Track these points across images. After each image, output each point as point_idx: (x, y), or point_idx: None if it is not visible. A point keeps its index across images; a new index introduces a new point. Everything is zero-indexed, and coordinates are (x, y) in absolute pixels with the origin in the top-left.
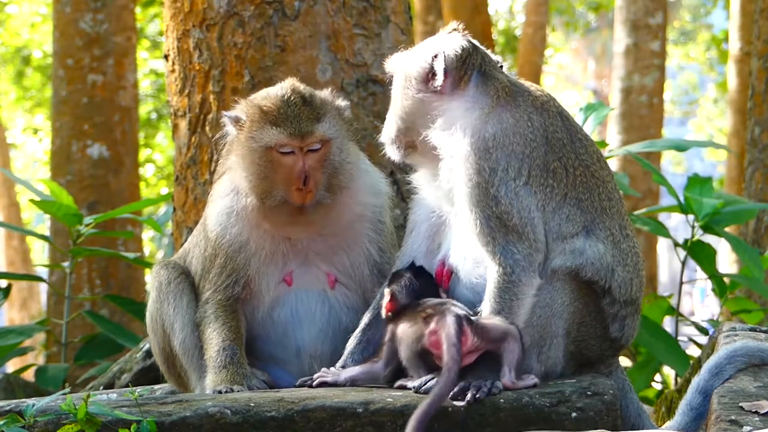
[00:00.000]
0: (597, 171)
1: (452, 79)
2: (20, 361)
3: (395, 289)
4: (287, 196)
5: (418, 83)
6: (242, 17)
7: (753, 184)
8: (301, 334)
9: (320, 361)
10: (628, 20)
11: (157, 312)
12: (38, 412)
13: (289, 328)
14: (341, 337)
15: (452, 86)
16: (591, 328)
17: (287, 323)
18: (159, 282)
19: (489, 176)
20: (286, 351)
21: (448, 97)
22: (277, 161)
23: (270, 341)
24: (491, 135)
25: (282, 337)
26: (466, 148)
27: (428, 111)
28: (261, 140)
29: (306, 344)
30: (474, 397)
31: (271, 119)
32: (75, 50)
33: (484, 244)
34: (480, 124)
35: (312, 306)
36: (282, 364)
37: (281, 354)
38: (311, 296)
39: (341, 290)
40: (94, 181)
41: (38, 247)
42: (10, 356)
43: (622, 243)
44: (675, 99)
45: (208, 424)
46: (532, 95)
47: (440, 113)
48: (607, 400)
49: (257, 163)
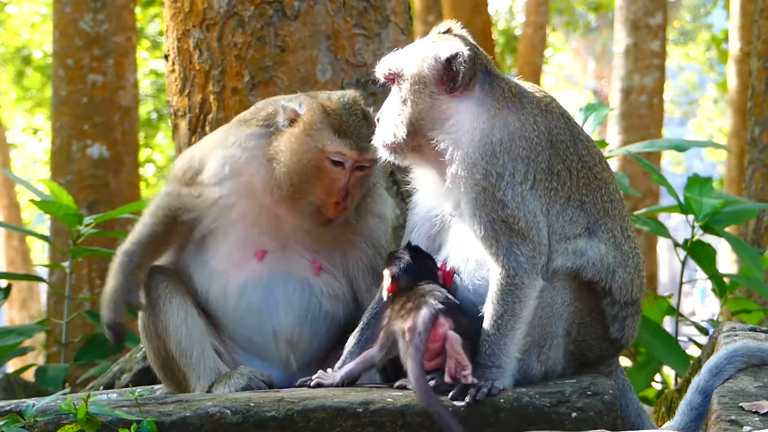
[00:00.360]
0: (599, 173)
1: (464, 80)
2: (20, 361)
3: (395, 272)
4: (323, 205)
5: (432, 84)
6: (242, 17)
7: (753, 184)
8: (278, 318)
9: (299, 347)
10: (628, 20)
11: (148, 319)
12: (38, 412)
13: (263, 309)
14: (322, 324)
15: (463, 88)
16: (591, 328)
17: (261, 306)
18: (149, 288)
19: (496, 181)
20: (263, 335)
21: (457, 98)
22: (324, 168)
23: (245, 325)
24: (498, 140)
25: (257, 320)
26: (475, 154)
27: (438, 113)
28: (318, 142)
29: (282, 328)
30: (474, 397)
31: (334, 124)
32: (75, 50)
33: (488, 247)
34: (488, 128)
35: (290, 290)
36: (261, 351)
37: (258, 339)
38: (290, 281)
39: (326, 279)
40: (94, 181)
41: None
42: (10, 356)
43: (623, 244)
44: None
45: (208, 424)
46: (536, 97)
47: (449, 115)
48: (607, 400)
49: (304, 163)
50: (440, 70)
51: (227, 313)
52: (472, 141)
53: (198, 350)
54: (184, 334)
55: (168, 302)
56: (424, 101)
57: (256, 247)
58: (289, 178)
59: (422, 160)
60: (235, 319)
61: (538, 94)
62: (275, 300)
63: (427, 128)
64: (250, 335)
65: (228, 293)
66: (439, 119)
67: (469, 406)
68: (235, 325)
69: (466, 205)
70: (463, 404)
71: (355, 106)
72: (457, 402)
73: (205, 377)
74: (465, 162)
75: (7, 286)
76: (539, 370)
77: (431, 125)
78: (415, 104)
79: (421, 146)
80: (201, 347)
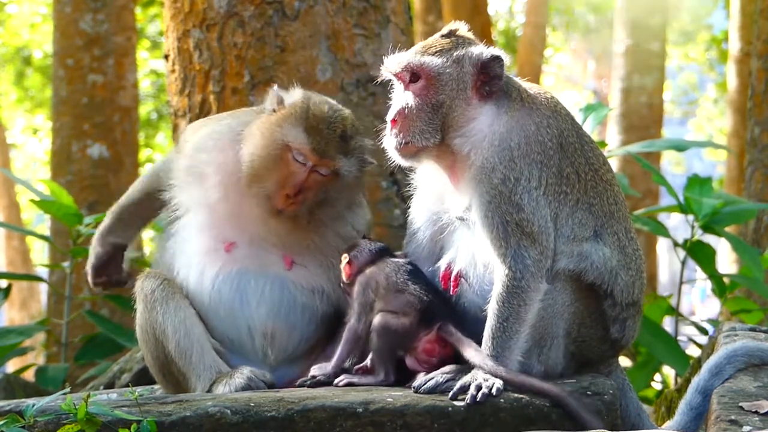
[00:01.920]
0: (604, 174)
1: (500, 85)
2: (20, 361)
3: (352, 254)
4: (273, 194)
5: (468, 88)
6: (242, 17)
7: (753, 184)
8: (249, 312)
9: (276, 341)
10: (628, 20)
11: (146, 322)
12: (38, 412)
13: (236, 304)
14: (300, 318)
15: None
16: (592, 329)
17: (233, 300)
18: (144, 293)
19: (513, 186)
20: (238, 330)
21: (483, 101)
22: (285, 161)
23: (220, 319)
24: (516, 144)
25: (230, 315)
26: (494, 158)
27: (465, 116)
28: (287, 135)
29: (256, 323)
30: (474, 398)
31: (308, 126)
32: (75, 50)
33: (497, 248)
34: (506, 132)
35: (261, 284)
36: (239, 347)
37: (233, 334)
38: (260, 275)
39: (300, 272)
40: (94, 181)
41: (38, 247)
42: (10, 356)
43: (627, 247)
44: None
45: (208, 424)
46: (545, 97)
47: (472, 118)
48: (607, 400)
49: (268, 151)
50: (478, 73)
51: (204, 307)
52: (492, 145)
53: (197, 350)
54: (183, 335)
55: (165, 304)
56: (459, 105)
57: (224, 238)
58: (251, 160)
59: (434, 163)
60: (213, 314)
61: (546, 95)
62: (246, 294)
63: (452, 131)
64: (227, 330)
65: (203, 285)
66: (463, 122)
67: (470, 407)
68: (213, 320)
69: (479, 207)
70: (463, 404)
71: (338, 123)
72: (457, 402)
73: (205, 376)
74: (484, 166)
75: (7, 286)
76: (539, 370)
77: (456, 128)
78: (449, 108)
79: (441, 149)
80: (200, 347)
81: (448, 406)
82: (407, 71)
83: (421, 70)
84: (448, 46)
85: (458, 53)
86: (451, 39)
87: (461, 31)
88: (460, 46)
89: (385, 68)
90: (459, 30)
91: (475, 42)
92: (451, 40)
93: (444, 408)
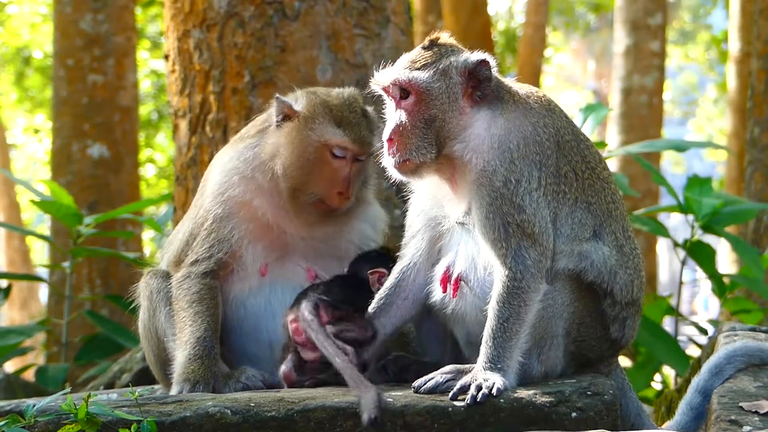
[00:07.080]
0: (601, 172)
1: (491, 88)
2: (20, 361)
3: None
4: (325, 196)
5: (460, 97)
6: (242, 17)
7: (753, 184)
8: (274, 326)
9: None
10: (628, 20)
11: (149, 321)
12: (38, 412)
13: (261, 320)
14: None
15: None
16: (591, 328)
17: (259, 315)
18: (149, 291)
19: (515, 187)
20: (259, 345)
21: (477, 106)
22: (326, 161)
23: (242, 334)
24: (515, 145)
25: (254, 329)
26: (494, 161)
27: (460, 124)
28: (321, 135)
29: (279, 337)
30: (474, 398)
31: (336, 119)
32: (75, 50)
33: (497, 249)
34: (504, 134)
35: (287, 299)
36: (256, 361)
37: (254, 349)
38: (286, 289)
39: None
40: (94, 181)
41: (38, 247)
42: (10, 356)
43: (625, 246)
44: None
45: (208, 424)
46: (538, 96)
47: (468, 124)
48: (606, 400)
49: (306, 157)
50: (467, 80)
51: (224, 324)
52: (492, 148)
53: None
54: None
55: (168, 303)
56: (453, 116)
57: (262, 261)
58: (290, 173)
59: (434, 175)
60: (232, 329)
61: (538, 93)
62: (272, 310)
63: (449, 141)
64: (245, 346)
65: (230, 306)
66: (459, 131)
67: (470, 407)
68: (230, 336)
69: (480, 209)
70: (463, 404)
71: (355, 103)
72: (457, 402)
73: None
74: (486, 170)
75: (7, 286)
76: (539, 370)
77: (453, 137)
78: (443, 120)
79: (439, 161)
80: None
81: (448, 406)
82: (396, 87)
83: (410, 86)
84: (432, 58)
85: (444, 64)
86: (434, 50)
87: (443, 39)
88: (444, 56)
89: (374, 83)
90: (440, 38)
91: (459, 48)
92: (434, 52)
93: (444, 408)
